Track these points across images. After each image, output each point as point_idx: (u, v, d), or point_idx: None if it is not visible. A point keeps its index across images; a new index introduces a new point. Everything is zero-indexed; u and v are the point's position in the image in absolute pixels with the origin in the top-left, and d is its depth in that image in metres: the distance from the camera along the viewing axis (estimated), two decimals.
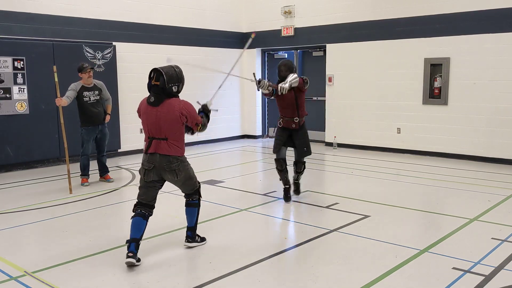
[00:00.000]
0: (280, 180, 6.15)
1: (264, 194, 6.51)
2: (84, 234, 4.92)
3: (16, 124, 8.18)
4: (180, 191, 4.56)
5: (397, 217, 5.49)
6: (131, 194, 6.74)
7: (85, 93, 6.97)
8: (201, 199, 4.54)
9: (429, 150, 9.43)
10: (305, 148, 6.05)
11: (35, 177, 7.80)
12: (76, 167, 7.74)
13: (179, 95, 4.31)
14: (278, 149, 6.03)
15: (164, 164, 4.18)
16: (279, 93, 5.68)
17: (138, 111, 4.36)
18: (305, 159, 6.27)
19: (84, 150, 7.10)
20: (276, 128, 6.21)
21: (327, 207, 5.87)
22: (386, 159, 9.17)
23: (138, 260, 4.09)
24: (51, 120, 8.48)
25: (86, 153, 7.12)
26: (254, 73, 5.83)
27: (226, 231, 5.04)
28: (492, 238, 4.65)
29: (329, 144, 10.82)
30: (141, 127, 11.63)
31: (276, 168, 6.10)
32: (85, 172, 7.16)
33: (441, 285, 3.63)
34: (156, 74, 4.14)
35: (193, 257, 4.28)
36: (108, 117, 7.28)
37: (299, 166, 6.20)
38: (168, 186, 7.01)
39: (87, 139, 7.08)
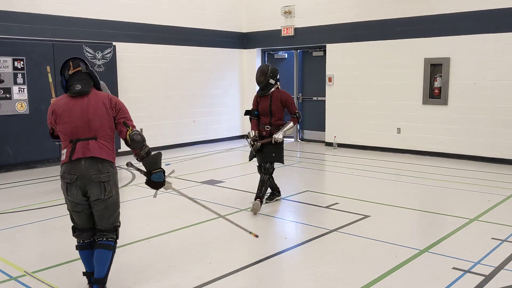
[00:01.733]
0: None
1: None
2: None
3: (16, 124, 8.18)
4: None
5: (397, 217, 5.49)
6: (131, 194, 6.74)
7: None
8: (117, 243, 3.56)
9: (429, 150, 9.43)
10: (273, 154, 5.68)
11: (35, 177, 7.79)
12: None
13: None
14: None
15: (91, 173, 3.27)
16: (274, 142, 5.63)
17: (52, 113, 3.40)
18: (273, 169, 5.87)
19: None
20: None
21: (327, 207, 5.87)
22: (386, 159, 9.17)
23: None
24: None
25: None
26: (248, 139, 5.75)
27: (226, 231, 5.04)
28: (492, 238, 4.65)
29: (329, 144, 10.82)
30: (141, 127, 11.62)
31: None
32: None
33: (441, 285, 3.63)
34: (73, 63, 3.42)
35: (193, 257, 4.28)
36: None
37: (262, 169, 5.77)
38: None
39: None
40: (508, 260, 4.10)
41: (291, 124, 5.72)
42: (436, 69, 9.27)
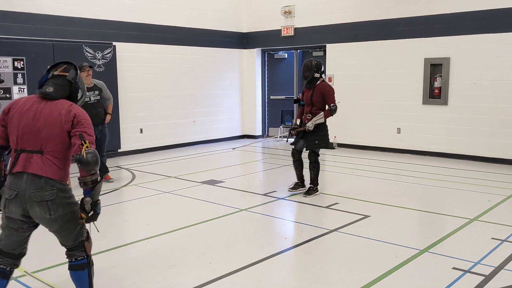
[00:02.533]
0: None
1: (264, 194, 6.51)
2: None
3: None
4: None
5: (397, 217, 5.49)
6: (131, 194, 6.75)
7: (87, 93, 6.97)
8: (90, 256, 3.20)
9: (429, 150, 9.43)
10: (316, 141, 6.29)
11: None
12: (75, 167, 7.72)
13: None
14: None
15: (32, 192, 2.84)
16: (307, 130, 6.27)
17: (6, 111, 3.00)
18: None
19: None
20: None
21: (327, 207, 5.87)
22: (386, 159, 9.17)
23: None
24: None
25: None
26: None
27: (226, 231, 5.04)
28: (492, 238, 4.65)
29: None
30: (141, 127, 11.56)
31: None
32: None
33: (441, 285, 3.63)
34: (65, 67, 3.09)
35: (193, 257, 4.28)
36: (108, 117, 7.28)
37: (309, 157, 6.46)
38: (168, 186, 7.06)
39: None
40: (508, 260, 4.10)
41: (321, 114, 6.23)
42: (436, 69, 9.27)
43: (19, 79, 8.17)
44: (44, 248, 4.59)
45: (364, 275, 3.82)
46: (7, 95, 8.06)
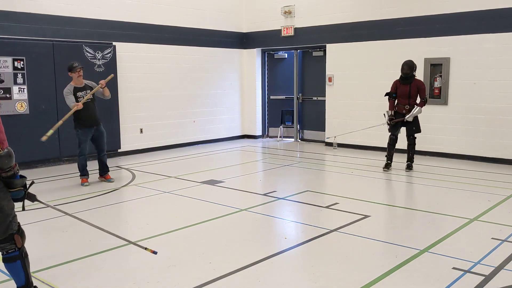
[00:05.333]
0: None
1: (264, 194, 6.51)
2: (84, 234, 4.92)
3: (16, 124, 8.17)
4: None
5: (397, 217, 5.49)
6: (131, 194, 6.75)
7: (78, 94, 6.98)
8: (24, 248, 3.29)
9: (429, 150, 9.42)
10: (413, 127, 7.83)
11: (36, 177, 7.78)
12: (74, 168, 7.72)
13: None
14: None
15: None
16: (405, 121, 7.86)
17: None
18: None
19: (81, 150, 7.09)
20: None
21: (327, 207, 5.87)
22: None
23: None
24: (51, 120, 8.46)
25: (84, 153, 7.11)
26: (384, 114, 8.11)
27: (226, 231, 5.04)
28: (492, 238, 4.65)
29: (329, 144, 10.81)
30: (141, 127, 11.59)
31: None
32: (84, 172, 7.16)
33: (441, 285, 3.63)
34: None
35: (193, 257, 4.28)
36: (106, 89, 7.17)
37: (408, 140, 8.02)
38: (168, 186, 7.06)
39: (83, 139, 7.07)
40: (508, 260, 4.10)
41: (419, 108, 7.76)
42: (436, 69, 9.27)
43: (19, 79, 8.17)
44: (44, 248, 4.59)
45: (364, 275, 3.82)
46: (7, 95, 8.06)
